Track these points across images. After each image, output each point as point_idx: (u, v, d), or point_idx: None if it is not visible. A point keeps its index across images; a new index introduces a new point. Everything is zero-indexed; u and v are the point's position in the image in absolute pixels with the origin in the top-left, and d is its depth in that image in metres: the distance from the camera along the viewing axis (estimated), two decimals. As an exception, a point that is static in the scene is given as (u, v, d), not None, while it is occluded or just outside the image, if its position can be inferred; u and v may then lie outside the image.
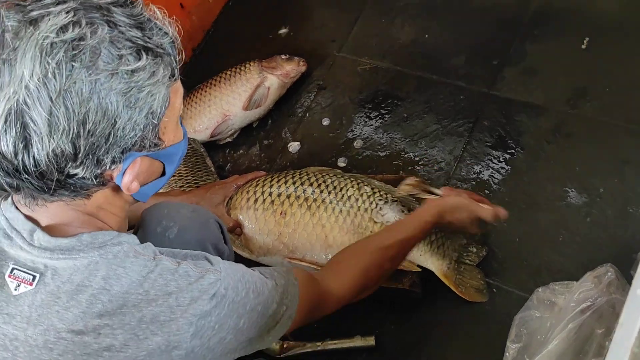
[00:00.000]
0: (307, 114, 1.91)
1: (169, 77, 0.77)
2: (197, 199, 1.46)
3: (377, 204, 1.42)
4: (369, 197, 1.43)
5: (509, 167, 1.61)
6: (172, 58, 0.78)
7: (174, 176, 1.74)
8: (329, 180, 1.47)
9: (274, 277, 0.96)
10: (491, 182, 1.61)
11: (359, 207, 1.42)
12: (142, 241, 0.87)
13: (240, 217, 1.49)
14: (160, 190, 1.60)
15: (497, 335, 1.35)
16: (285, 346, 1.50)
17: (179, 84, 0.82)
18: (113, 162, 0.77)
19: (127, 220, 0.93)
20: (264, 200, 1.48)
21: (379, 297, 1.41)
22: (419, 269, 1.39)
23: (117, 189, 0.82)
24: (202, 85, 1.96)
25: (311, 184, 1.47)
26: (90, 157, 0.74)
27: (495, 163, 1.63)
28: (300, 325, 1.03)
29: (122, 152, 0.77)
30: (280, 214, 1.44)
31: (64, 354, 0.78)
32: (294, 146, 1.83)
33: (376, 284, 1.15)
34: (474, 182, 1.62)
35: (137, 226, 1.13)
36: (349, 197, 1.43)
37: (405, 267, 1.38)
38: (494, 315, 1.42)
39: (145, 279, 0.80)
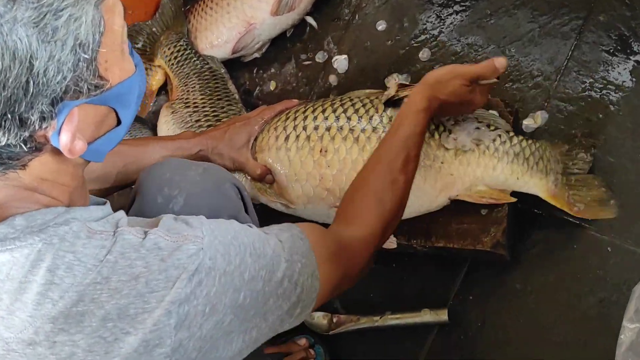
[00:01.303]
0: (357, 17, 1.86)
1: None
2: (213, 143, 1.46)
3: (444, 127, 1.43)
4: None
5: (633, 79, 1.53)
6: None
7: (187, 107, 1.76)
8: (379, 104, 1.47)
9: (274, 233, 0.96)
10: (608, 102, 1.54)
11: None
12: (138, 216, 0.87)
13: (270, 160, 1.50)
14: (170, 132, 1.74)
15: (609, 310, 1.36)
16: (334, 320, 1.55)
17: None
18: (42, 118, 0.75)
19: (86, 188, 0.91)
20: (298, 137, 1.49)
21: (452, 262, 1.52)
22: (514, 199, 1.41)
23: (58, 152, 0.80)
24: None
25: (357, 111, 1.47)
26: (10, 117, 0.72)
27: (614, 75, 1.56)
28: (336, 287, 1.04)
29: (52, 104, 0.75)
30: (320, 151, 1.45)
31: None
32: (340, 61, 1.81)
33: (400, 205, 1.17)
34: (582, 103, 1.56)
35: (133, 195, 1.13)
36: None
37: (496, 200, 1.41)
38: (605, 282, 1.40)
39: (102, 263, 0.79)
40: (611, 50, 1.58)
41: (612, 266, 1.40)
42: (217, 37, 1.89)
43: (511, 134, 1.43)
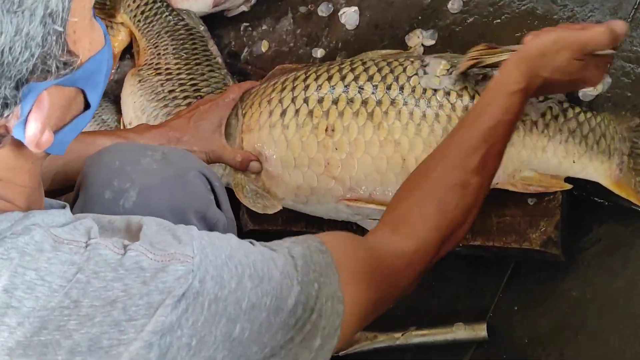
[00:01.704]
0: None
1: None
2: (176, 134, 1.42)
3: (478, 94, 1.39)
4: (467, 84, 1.39)
5: None
6: None
7: (158, 74, 1.72)
8: (399, 69, 1.42)
9: (284, 248, 0.92)
10: None
11: (452, 104, 1.38)
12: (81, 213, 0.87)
13: (261, 142, 1.45)
14: (137, 105, 1.68)
15: None
16: None
17: None
18: (5, 105, 0.74)
19: (42, 190, 0.90)
20: (298, 112, 1.43)
21: (493, 265, 1.46)
22: (569, 186, 1.36)
23: (18, 145, 0.79)
24: None
25: (371, 78, 1.42)
26: None
27: None
28: (370, 314, 0.99)
29: (17, 87, 0.74)
30: (326, 130, 1.40)
31: None
32: (348, 14, 1.72)
33: (468, 216, 1.10)
34: None
35: (77, 189, 1.12)
36: (435, 92, 1.39)
37: (547, 188, 1.37)
38: None
39: (71, 283, 0.77)
40: None
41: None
42: (195, -15, 1.85)
43: (565, 105, 1.37)
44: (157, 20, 1.80)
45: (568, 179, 1.36)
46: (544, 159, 1.36)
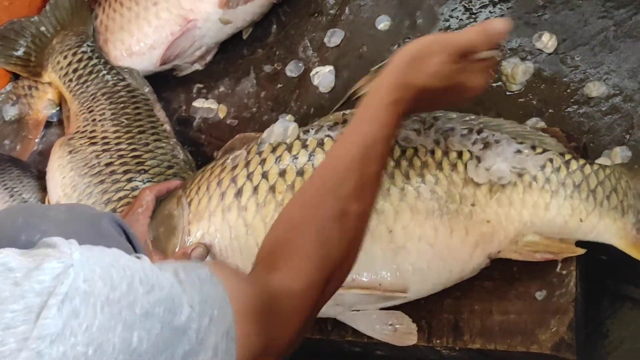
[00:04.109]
0: (347, 10, 1.92)
1: None
2: None
3: (471, 153, 1.49)
4: (451, 142, 1.50)
5: None
6: None
7: (93, 144, 1.79)
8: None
9: (171, 268, 1.00)
10: None
11: (438, 164, 1.49)
12: None
13: (211, 232, 1.54)
14: (66, 180, 1.73)
15: None
16: None
17: None
18: None
19: None
20: (257, 189, 1.52)
21: None
22: (582, 250, 1.45)
23: None
24: None
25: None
26: None
27: None
28: (262, 353, 1.07)
29: None
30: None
31: None
32: (322, 75, 1.86)
33: (352, 249, 1.21)
34: None
35: None
36: (416, 151, 1.50)
37: (556, 254, 1.46)
38: None
39: None
40: None
41: None
42: (139, 40, 1.94)
43: (567, 156, 1.49)
44: (92, 80, 1.89)
45: (581, 243, 1.45)
46: (547, 218, 1.45)
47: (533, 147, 1.49)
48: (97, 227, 1.18)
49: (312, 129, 1.58)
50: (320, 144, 1.54)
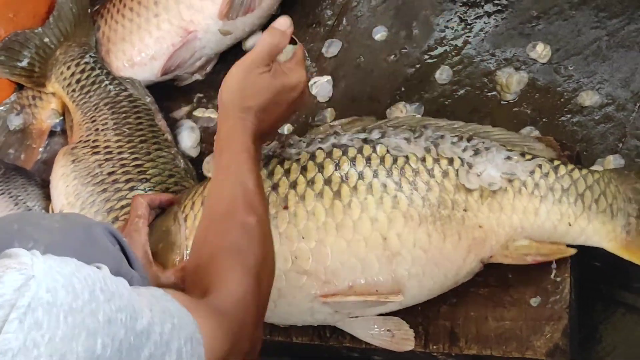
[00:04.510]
0: (345, 21, 1.93)
1: None
2: None
3: (462, 160, 1.50)
4: (442, 150, 1.51)
5: None
6: None
7: (96, 154, 1.80)
8: (360, 137, 1.54)
9: (128, 286, 1.02)
10: None
11: (430, 171, 1.50)
12: None
13: None
14: (70, 189, 1.74)
15: None
16: None
17: None
18: None
19: None
20: None
21: None
22: (573, 251, 1.47)
23: None
24: None
25: (330, 154, 1.53)
26: None
27: None
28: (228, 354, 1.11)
29: None
30: (285, 208, 1.51)
31: None
32: (320, 84, 1.87)
33: (264, 248, 1.29)
34: None
35: None
36: (407, 159, 1.51)
37: (547, 257, 1.47)
38: None
39: None
40: None
41: None
42: (140, 51, 1.95)
43: (556, 162, 1.50)
44: (95, 90, 1.90)
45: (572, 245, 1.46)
46: (537, 223, 1.46)
47: (522, 154, 1.51)
48: (90, 236, 1.19)
49: (303, 142, 1.59)
50: (312, 157, 1.54)
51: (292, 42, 1.48)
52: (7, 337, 0.83)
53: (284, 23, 1.47)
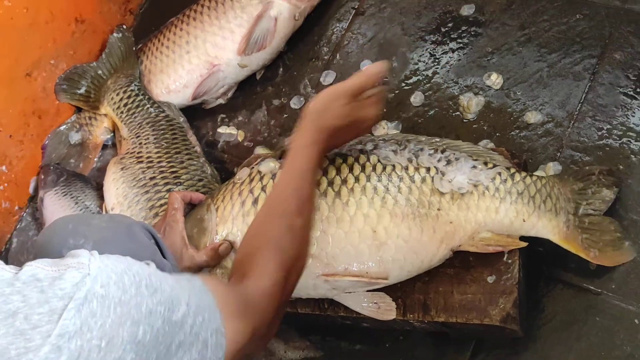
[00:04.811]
0: (338, 56, 1.92)
1: None
2: None
3: (437, 169, 1.49)
4: (421, 160, 1.51)
5: None
6: None
7: (140, 162, 1.80)
8: (357, 147, 1.54)
9: (172, 276, 1.02)
10: (628, 151, 1.58)
11: (411, 177, 1.49)
12: None
13: (234, 232, 1.54)
14: (119, 191, 1.73)
15: None
16: None
17: None
18: None
19: None
20: None
21: (456, 341, 1.52)
22: (524, 243, 1.46)
23: None
24: (176, 21, 2.00)
25: (333, 161, 1.53)
26: None
27: (634, 120, 1.60)
28: (245, 346, 1.08)
29: None
30: None
31: None
32: None
33: (302, 250, 1.27)
34: (600, 152, 1.60)
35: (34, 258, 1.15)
36: (394, 168, 1.51)
37: (504, 247, 1.46)
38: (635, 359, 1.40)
39: None
40: (630, 92, 1.63)
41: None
42: (175, 80, 1.95)
43: (512, 170, 1.50)
44: (139, 112, 1.90)
45: (524, 239, 1.45)
46: (497, 219, 1.45)
47: (485, 163, 1.49)
48: (131, 233, 1.18)
49: None
50: None
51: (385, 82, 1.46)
52: (65, 322, 0.84)
53: (377, 70, 1.44)
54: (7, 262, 0.91)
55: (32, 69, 2.00)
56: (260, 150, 1.82)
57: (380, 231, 1.46)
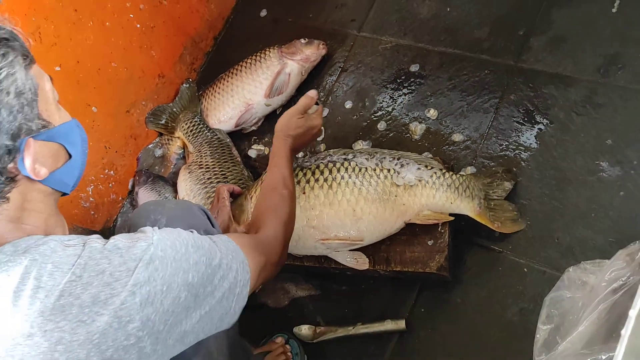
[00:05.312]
0: (330, 98, 1.93)
1: (23, 59, 0.84)
2: None
3: (394, 169, 1.48)
4: (384, 164, 1.50)
5: (537, 142, 1.58)
6: (20, 44, 0.84)
7: (200, 168, 1.80)
8: (342, 157, 1.52)
9: (208, 236, 0.99)
10: (520, 159, 1.59)
11: (378, 175, 1.47)
12: None
13: None
14: (187, 188, 1.71)
15: (527, 317, 1.36)
16: (317, 331, 1.56)
17: (40, 70, 0.88)
18: (8, 152, 0.81)
19: (61, 217, 0.95)
20: None
21: (408, 283, 1.52)
22: (452, 218, 1.44)
23: (30, 182, 0.85)
24: (224, 76, 2.00)
25: (326, 166, 1.51)
26: None
27: (523, 139, 1.61)
28: (262, 271, 1.07)
29: (13, 139, 0.81)
30: (304, 193, 1.49)
31: (23, 357, 0.79)
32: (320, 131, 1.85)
33: (291, 209, 1.26)
34: (501, 160, 1.60)
35: (127, 230, 1.13)
36: (366, 169, 1.49)
37: (439, 220, 1.44)
38: (524, 295, 1.41)
39: (75, 266, 0.82)
40: (520, 121, 1.63)
41: (529, 283, 1.41)
42: (224, 114, 1.96)
43: (444, 170, 1.49)
44: (200, 135, 1.91)
45: (452, 215, 1.45)
46: (434, 202, 1.45)
47: (426, 166, 1.49)
48: (191, 211, 1.17)
49: (312, 159, 1.56)
50: (317, 167, 1.51)
51: (316, 103, 1.47)
52: (137, 275, 0.84)
53: (313, 93, 1.45)
54: (114, 234, 0.92)
55: (130, 107, 2.02)
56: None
57: (358, 210, 1.47)
